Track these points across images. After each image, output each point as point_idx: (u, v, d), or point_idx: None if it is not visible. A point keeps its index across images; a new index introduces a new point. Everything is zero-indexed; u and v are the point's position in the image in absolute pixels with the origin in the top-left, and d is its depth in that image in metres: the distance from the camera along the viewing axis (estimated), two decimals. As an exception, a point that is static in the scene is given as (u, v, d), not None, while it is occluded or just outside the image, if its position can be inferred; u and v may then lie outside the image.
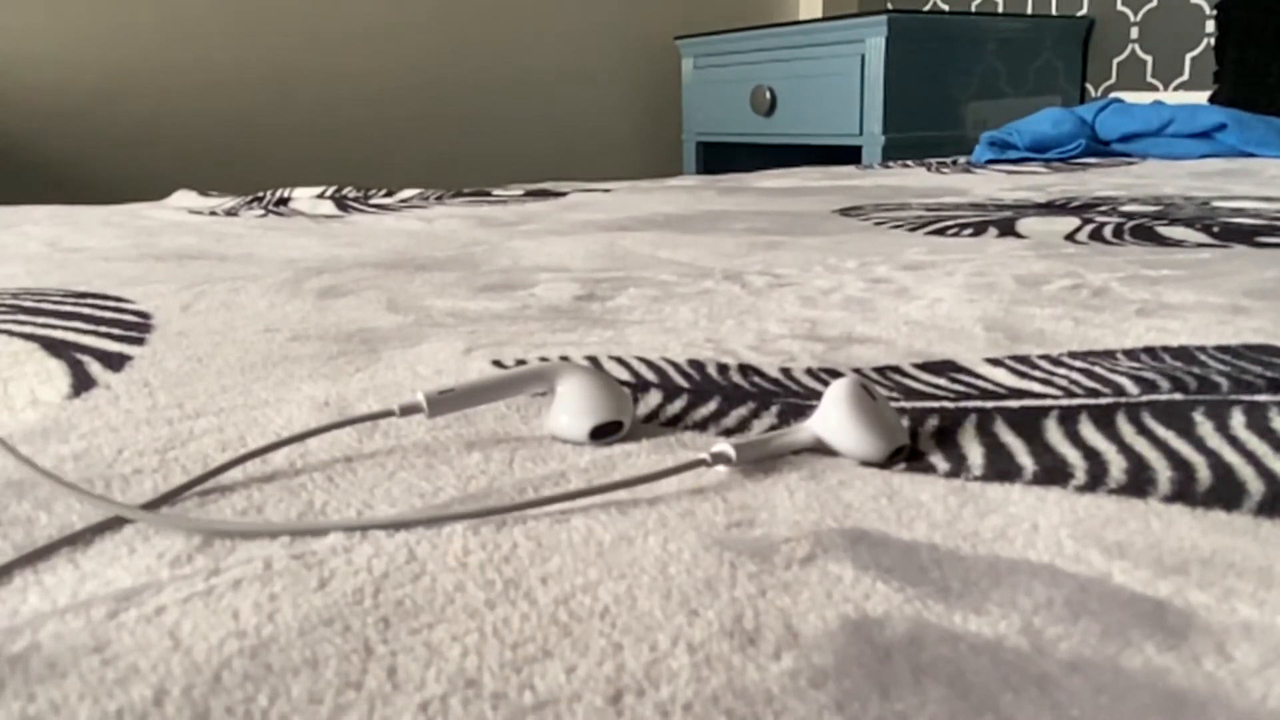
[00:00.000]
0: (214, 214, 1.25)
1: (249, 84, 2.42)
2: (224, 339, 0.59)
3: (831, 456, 0.39)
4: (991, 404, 0.45)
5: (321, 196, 1.37)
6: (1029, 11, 2.65)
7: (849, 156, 2.79)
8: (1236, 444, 0.39)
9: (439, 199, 1.36)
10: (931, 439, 0.40)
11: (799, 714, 0.23)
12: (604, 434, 0.41)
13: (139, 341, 0.59)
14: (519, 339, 0.58)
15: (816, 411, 0.39)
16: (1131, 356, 0.51)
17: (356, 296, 0.71)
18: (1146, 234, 0.91)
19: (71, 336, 0.59)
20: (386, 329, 0.61)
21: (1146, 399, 0.44)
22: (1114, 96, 2.05)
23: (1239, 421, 0.41)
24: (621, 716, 0.23)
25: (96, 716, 0.23)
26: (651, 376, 0.50)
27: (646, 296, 0.69)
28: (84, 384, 0.50)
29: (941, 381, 0.48)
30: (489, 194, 1.40)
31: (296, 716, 0.23)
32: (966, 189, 1.36)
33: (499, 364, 0.53)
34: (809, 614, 0.27)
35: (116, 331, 0.61)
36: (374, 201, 1.35)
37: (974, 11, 2.71)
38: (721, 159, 2.81)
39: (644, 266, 0.80)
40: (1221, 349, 0.52)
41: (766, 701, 0.23)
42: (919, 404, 0.45)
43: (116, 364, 0.54)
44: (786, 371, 0.51)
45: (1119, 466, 0.37)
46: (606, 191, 1.43)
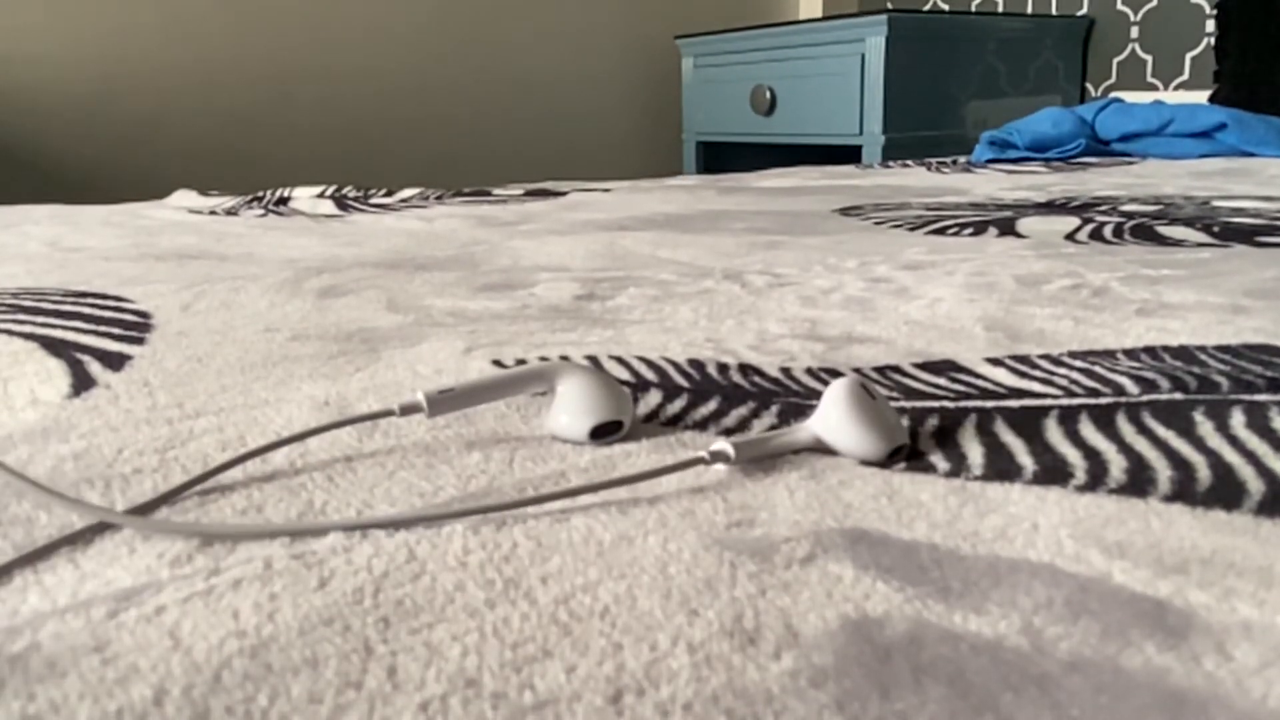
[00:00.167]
0: (214, 214, 1.25)
1: (249, 84, 2.42)
2: (224, 338, 0.59)
3: (831, 456, 0.39)
4: (991, 403, 0.45)
5: (321, 196, 1.37)
6: (1029, 11, 2.65)
7: (849, 156, 2.79)
8: (1237, 444, 0.39)
9: (439, 199, 1.36)
10: (931, 439, 0.40)
11: (799, 714, 0.23)
12: (604, 434, 0.41)
13: (139, 341, 0.59)
14: (519, 339, 0.58)
15: (816, 411, 0.39)
16: (1132, 356, 0.51)
17: (356, 296, 0.71)
18: (1147, 234, 0.91)
19: (71, 336, 0.59)
20: (386, 329, 0.61)
21: (1147, 399, 0.44)
22: (1114, 96, 2.05)
23: (1239, 421, 0.41)
24: (621, 716, 0.23)
25: (96, 716, 0.23)
26: (651, 376, 0.50)
27: (646, 296, 0.69)
28: (84, 384, 0.50)
29: (941, 381, 0.48)
30: (489, 194, 1.40)
31: (296, 716, 0.23)
32: (966, 189, 1.36)
33: (499, 364, 0.53)
34: (809, 614, 0.27)
35: (116, 331, 0.61)
36: (374, 201, 1.35)
37: (974, 11, 2.71)
38: (721, 159, 2.81)
39: (644, 266, 0.80)
40: (1221, 348, 0.52)
41: (766, 701, 0.23)
42: (919, 404, 0.45)
43: (116, 363, 0.54)
44: (786, 371, 0.51)
45: (1119, 466, 0.37)
46: (606, 191, 1.43)
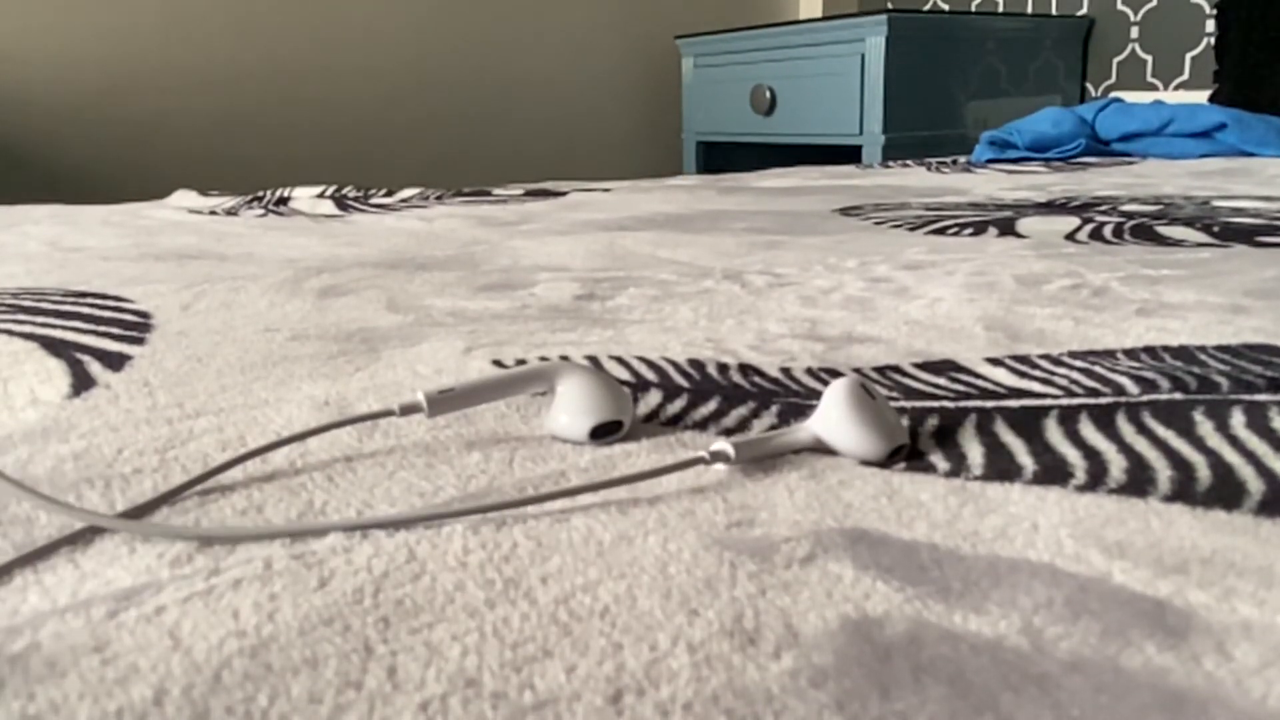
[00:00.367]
0: (214, 213, 1.25)
1: (249, 84, 2.42)
2: (224, 338, 0.59)
3: (831, 456, 0.39)
4: (991, 403, 0.45)
5: (321, 196, 1.37)
6: (1029, 11, 2.65)
7: (849, 156, 2.79)
8: (1236, 443, 0.39)
9: (439, 198, 1.36)
10: (931, 438, 0.40)
11: (799, 714, 0.23)
12: (604, 433, 0.41)
13: (139, 341, 0.59)
14: (519, 338, 0.58)
15: (816, 411, 0.39)
16: (1132, 356, 0.51)
17: (356, 296, 0.71)
18: (1146, 233, 0.91)
19: (71, 336, 0.59)
20: (386, 328, 0.61)
21: (1146, 398, 0.44)
22: (1114, 96, 2.05)
23: (1239, 421, 0.41)
24: (621, 716, 0.23)
25: (96, 716, 0.23)
26: (651, 376, 0.50)
27: (646, 296, 0.69)
28: (84, 383, 0.50)
29: (941, 381, 0.48)
30: (489, 193, 1.40)
31: (296, 716, 0.23)
32: (966, 188, 1.36)
33: (499, 363, 0.53)
34: (809, 613, 0.27)
35: (116, 331, 0.61)
36: (374, 201, 1.35)
37: (974, 11, 2.71)
38: (721, 158, 2.81)
39: (644, 266, 0.80)
40: (1221, 348, 0.52)
41: (766, 701, 0.23)
42: (919, 403, 0.45)
43: (116, 363, 0.54)
44: (786, 371, 0.51)
45: (1119, 466, 0.37)
46: (606, 191, 1.43)
